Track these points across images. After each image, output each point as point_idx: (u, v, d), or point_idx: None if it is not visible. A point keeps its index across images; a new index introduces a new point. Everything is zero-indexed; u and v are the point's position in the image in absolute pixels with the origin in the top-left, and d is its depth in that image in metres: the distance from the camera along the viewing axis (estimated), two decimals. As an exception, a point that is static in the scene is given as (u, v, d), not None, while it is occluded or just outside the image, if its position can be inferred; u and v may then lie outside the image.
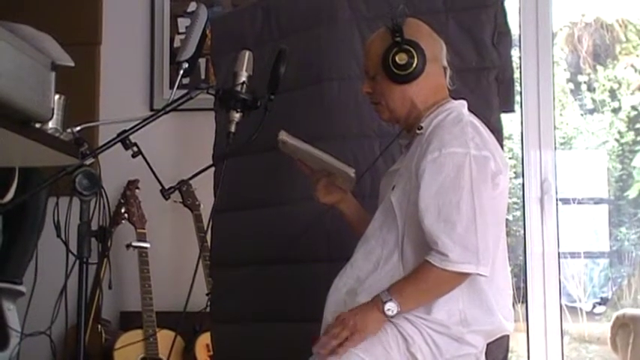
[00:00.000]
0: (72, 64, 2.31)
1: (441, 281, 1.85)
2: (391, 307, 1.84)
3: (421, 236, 1.89)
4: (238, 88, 2.20)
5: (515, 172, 3.50)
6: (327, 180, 2.22)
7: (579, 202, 4.08)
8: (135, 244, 3.46)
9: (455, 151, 1.88)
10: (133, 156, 2.14)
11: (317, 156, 2.17)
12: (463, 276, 1.85)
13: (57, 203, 2.18)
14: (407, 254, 1.93)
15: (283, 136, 2.17)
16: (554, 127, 3.43)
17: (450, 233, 1.82)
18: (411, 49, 1.99)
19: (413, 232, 1.92)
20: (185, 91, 2.23)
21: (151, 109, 3.75)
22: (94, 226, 2.11)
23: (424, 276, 1.85)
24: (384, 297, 1.85)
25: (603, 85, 4.39)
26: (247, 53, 2.22)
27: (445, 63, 2.08)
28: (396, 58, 1.99)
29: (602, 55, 4.45)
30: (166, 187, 2.18)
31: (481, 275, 1.86)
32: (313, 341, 1.92)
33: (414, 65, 1.99)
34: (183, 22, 3.81)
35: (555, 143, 3.43)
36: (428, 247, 1.86)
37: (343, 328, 1.85)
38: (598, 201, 4.23)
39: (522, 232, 3.40)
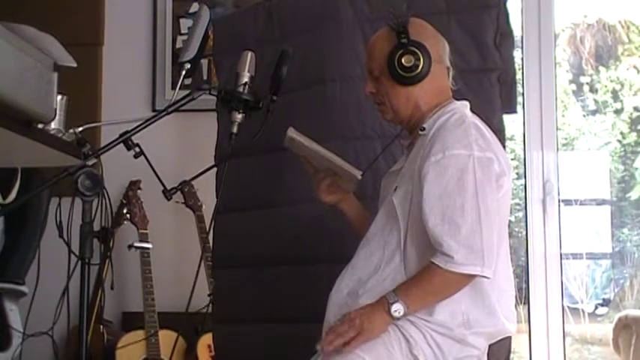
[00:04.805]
0: (74, 64, 2.31)
1: (446, 283, 1.85)
2: (398, 309, 1.84)
3: (424, 237, 1.89)
4: (240, 89, 2.19)
5: (517, 173, 3.49)
6: (330, 180, 2.22)
7: (581, 204, 4.08)
8: (137, 244, 3.45)
9: (458, 153, 1.87)
10: (135, 156, 2.14)
11: (324, 156, 2.17)
12: (468, 278, 1.84)
13: (59, 204, 2.18)
14: (409, 255, 1.92)
15: (292, 133, 2.17)
16: (557, 128, 3.42)
17: (455, 235, 1.82)
18: (417, 51, 1.97)
19: (415, 234, 1.92)
20: (187, 91, 2.23)
21: (153, 110, 3.75)
22: (96, 227, 2.11)
23: (430, 278, 1.85)
24: (391, 298, 1.85)
25: (605, 86, 4.39)
26: (249, 54, 2.22)
27: (448, 63, 2.07)
28: (402, 60, 1.98)
29: (604, 56, 4.45)
30: (168, 188, 2.18)
31: (485, 277, 1.85)
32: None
33: (420, 67, 1.98)
34: (185, 23, 3.81)
35: (557, 144, 3.43)
36: (431, 249, 1.86)
37: (350, 327, 1.85)
38: (600, 202, 4.22)
39: (524, 233, 3.40)
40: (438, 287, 1.86)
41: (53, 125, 2.28)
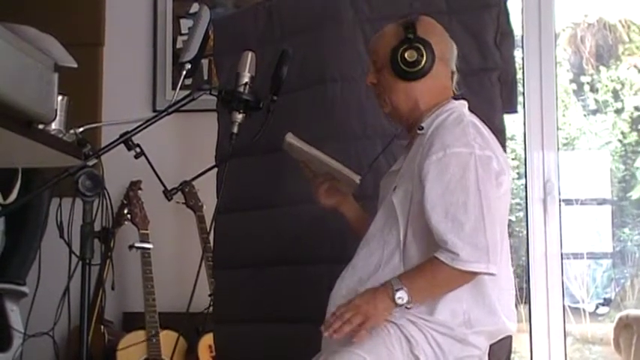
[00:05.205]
0: (75, 65, 2.32)
1: (451, 279, 1.85)
2: (402, 296, 1.83)
3: (424, 236, 1.89)
4: (241, 89, 2.19)
5: (517, 173, 3.50)
6: (329, 184, 2.22)
7: (582, 203, 4.08)
8: (137, 245, 3.45)
9: (459, 151, 1.88)
10: (136, 157, 2.14)
11: (323, 160, 2.17)
12: (473, 275, 1.85)
13: (60, 204, 2.18)
14: (408, 255, 1.92)
15: (290, 138, 2.17)
16: (557, 128, 3.42)
17: (459, 233, 1.82)
18: (421, 47, 1.99)
19: (415, 233, 1.92)
20: (188, 92, 2.23)
21: (154, 110, 3.75)
22: (97, 227, 2.11)
23: (434, 272, 1.85)
24: (396, 284, 1.84)
25: (606, 86, 4.39)
26: (250, 54, 2.22)
27: (453, 67, 2.08)
28: (406, 55, 1.99)
29: (604, 55, 4.45)
30: (169, 188, 2.18)
31: (491, 274, 1.85)
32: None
33: (423, 63, 1.99)
34: (185, 23, 3.81)
35: (558, 144, 3.43)
36: (431, 248, 1.86)
37: (356, 314, 1.84)
38: (601, 202, 4.22)
39: (525, 232, 3.40)
40: (442, 282, 1.86)
41: (54, 126, 2.29)
